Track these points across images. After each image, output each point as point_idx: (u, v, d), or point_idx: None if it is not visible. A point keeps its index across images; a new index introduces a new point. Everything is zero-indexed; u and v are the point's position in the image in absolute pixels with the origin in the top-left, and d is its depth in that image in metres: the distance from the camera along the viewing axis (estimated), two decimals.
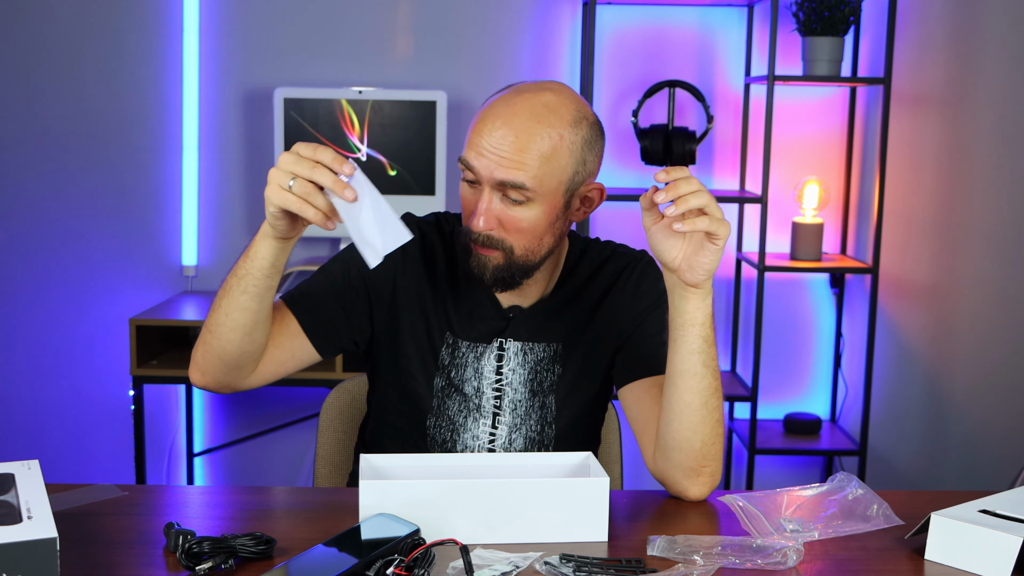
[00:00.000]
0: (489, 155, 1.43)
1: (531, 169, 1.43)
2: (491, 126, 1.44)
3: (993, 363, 3.29)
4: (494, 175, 1.44)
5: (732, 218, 3.26)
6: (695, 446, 1.42)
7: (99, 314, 3.22)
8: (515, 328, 1.58)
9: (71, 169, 3.19)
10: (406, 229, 1.28)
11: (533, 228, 1.47)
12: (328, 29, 3.16)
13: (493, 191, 1.45)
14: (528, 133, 1.43)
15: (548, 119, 1.45)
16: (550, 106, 1.46)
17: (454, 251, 1.61)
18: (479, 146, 1.44)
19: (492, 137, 1.44)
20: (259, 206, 3.20)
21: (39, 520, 1.09)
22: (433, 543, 1.20)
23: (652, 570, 1.21)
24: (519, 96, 1.47)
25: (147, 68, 3.15)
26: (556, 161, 1.45)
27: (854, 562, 1.27)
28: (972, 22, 3.17)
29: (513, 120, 1.44)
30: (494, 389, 1.58)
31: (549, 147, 1.44)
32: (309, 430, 3.22)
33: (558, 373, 1.59)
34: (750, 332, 3.18)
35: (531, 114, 1.44)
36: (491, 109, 1.47)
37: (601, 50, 3.15)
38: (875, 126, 3.16)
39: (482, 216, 1.45)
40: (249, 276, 1.43)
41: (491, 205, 1.45)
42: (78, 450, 3.27)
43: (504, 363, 1.58)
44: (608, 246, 1.67)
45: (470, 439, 1.59)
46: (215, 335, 1.47)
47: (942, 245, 3.26)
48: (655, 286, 1.61)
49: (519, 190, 1.44)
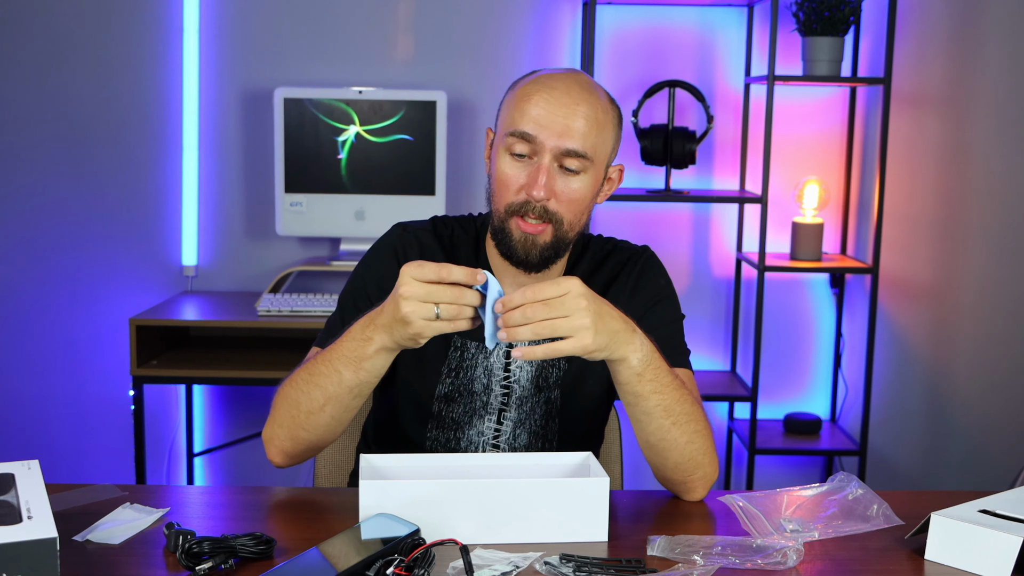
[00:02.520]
0: (550, 123, 1.45)
1: (589, 137, 1.47)
2: (547, 97, 1.47)
3: (993, 363, 3.29)
4: (557, 144, 1.45)
5: (732, 218, 3.26)
6: (674, 466, 1.43)
7: (99, 314, 3.22)
8: None
9: (71, 169, 3.19)
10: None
11: (582, 199, 1.50)
12: (328, 29, 3.16)
13: (552, 159, 1.47)
14: (584, 103, 1.47)
15: (597, 92, 1.51)
16: (590, 87, 1.51)
17: (455, 255, 1.61)
18: (536, 116, 1.46)
19: (550, 106, 1.46)
20: (259, 206, 3.20)
21: (39, 520, 1.09)
22: (433, 543, 1.20)
23: (652, 570, 1.21)
24: (562, 74, 1.50)
25: (147, 68, 3.15)
26: (606, 132, 1.50)
27: (854, 562, 1.27)
28: (972, 22, 3.17)
29: (570, 91, 1.47)
30: (503, 387, 1.58)
31: (602, 117, 1.49)
32: None
33: (564, 368, 1.59)
34: (750, 332, 3.18)
35: (581, 87, 1.49)
36: (539, 84, 1.49)
37: (601, 50, 3.15)
38: (875, 126, 3.16)
39: (542, 186, 1.46)
40: (365, 384, 1.40)
41: (550, 174, 1.47)
42: (78, 450, 3.27)
43: (512, 361, 1.58)
44: (610, 241, 1.68)
45: (475, 435, 1.59)
46: (311, 432, 1.45)
47: (942, 245, 3.26)
48: (655, 281, 1.63)
49: (579, 158, 1.47)
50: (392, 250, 1.61)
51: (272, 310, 2.79)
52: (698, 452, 1.42)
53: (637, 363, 1.35)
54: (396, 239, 1.62)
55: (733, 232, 3.28)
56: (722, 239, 3.29)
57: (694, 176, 3.22)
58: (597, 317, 1.29)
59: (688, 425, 1.40)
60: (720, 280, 3.30)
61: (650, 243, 3.28)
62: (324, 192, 3.01)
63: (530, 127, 1.46)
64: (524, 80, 1.52)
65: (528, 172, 1.47)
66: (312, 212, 3.02)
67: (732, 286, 3.30)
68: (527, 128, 1.46)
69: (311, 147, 2.99)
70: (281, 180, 2.99)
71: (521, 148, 1.47)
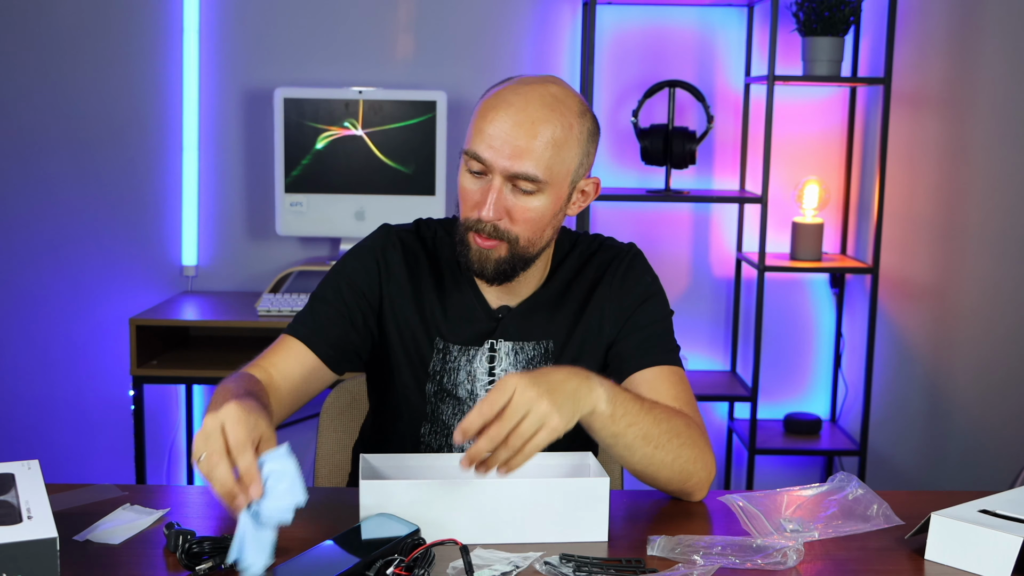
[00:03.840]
0: (502, 145, 1.42)
1: (543, 159, 1.43)
2: (503, 115, 1.43)
3: (993, 363, 3.29)
4: (507, 166, 1.43)
5: (732, 218, 3.26)
6: (666, 482, 1.42)
7: (99, 314, 3.22)
8: (505, 328, 1.57)
9: (71, 169, 3.19)
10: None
11: (539, 218, 1.47)
12: (328, 29, 3.16)
13: (504, 181, 1.44)
14: (542, 122, 1.43)
15: (559, 109, 1.45)
16: (558, 97, 1.46)
17: (437, 257, 1.60)
18: (490, 136, 1.43)
19: (503, 126, 1.42)
20: (259, 206, 3.20)
21: (39, 520, 1.09)
22: (433, 543, 1.20)
23: (652, 570, 1.21)
24: (526, 87, 1.46)
25: (147, 68, 3.15)
26: (566, 151, 1.46)
27: (854, 562, 1.27)
28: (972, 22, 3.17)
29: (527, 108, 1.43)
30: (487, 391, 1.57)
31: (561, 136, 1.44)
32: (309, 430, 3.21)
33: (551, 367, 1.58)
34: (750, 332, 3.18)
35: (542, 103, 1.44)
36: (499, 99, 1.45)
37: (601, 50, 3.15)
38: (875, 126, 3.16)
39: (491, 206, 1.44)
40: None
41: (501, 195, 1.45)
42: (78, 450, 3.27)
43: (496, 364, 1.57)
44: (596, 239, 1.66)
45: (466, 443, 1.58)
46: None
47: (942, 245, 3.26)
48: (642, 279, 1.61)
49: (530, 181, 1.44)
50: (373, 250, 1.61)
51: (272, 310, 2.79)
52: (688, 463, 1.40)
53: (605, 406, 1.31)
54: (379, 240, 1.62)
55: (733, 232, 3.28)
56: (722, 239, 3.29)
57: (694, 176, 3.22)
58: (551, 394, 1.24)
59: (671, 443, 1.38)
60: (720, 280, 3.30)
61: (650, 243, 3.28)
62: (324, 192, 3.01)
63: (482, 149, 1.44)
64: (493, 89, 1.49)
65: (482, 190, 1.46)
66: (312, 212, 3.02)
67: (732, 286, 3.30)
68: (479, 150, 1.44)
69: (311, 147, 2.99)
70: (281, 180, 2.99)
71: (476, 167, 1.46)
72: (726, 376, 3.25)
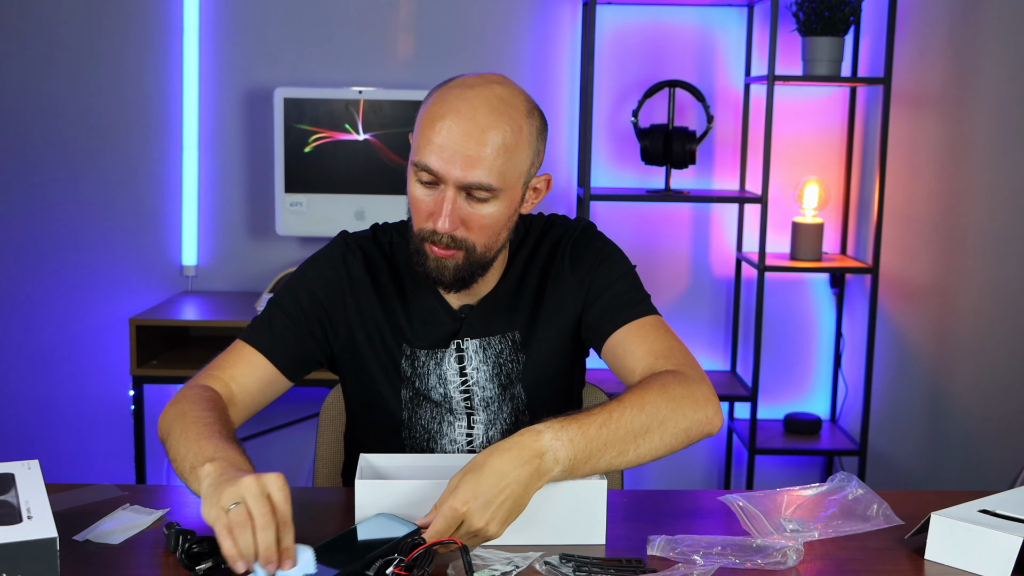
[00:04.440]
0: (452, 156, 1.38)
1: (496, 167, 1.40)
2: (451, 123, 1.38)
3: (993, 363, 3.29)
4: (460, 176, 1.39)
5: (732, 218, 3.26)
6: (669, 453, 1.35)
7: (99, 314, 3.22)
8: (469, 327, 1.56)
9: (71, 169, 3.19)
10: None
11: (494, 224, 1.45)
12: (328, 29, 3.16)
13: (457, 191, 1.41)
14: (491, 128, 1.39)
15: (507, 112, 1.41)
16: (505, 98, 1.42)
17: (396, 263, 1.59)
18: (440, 147, 1.39)
19: (452, 135, 1.38)
20: (259, 206, 3.20)
21: (39, 520, 1.09)
22: (433, 543, 1.20)
23: (652, 570, 1.21)
24: (470, 91, 1.41)
25: (147, 68, 3.15)
26: (517, 154, 1.42)
27: (854, 562, 1.27)
28: (972, 22, 3.17)
29: (475, 115, 1.39)
30: (461, 392, 1.56)
31: (512, 140, 1.41)
32: (309, 430, 3.21)
33: (522, 362, 1.56)
34: (750, 332, 3.18)
35: (489, 108, 1.40)
36: (444, 106, 1.40)
37: (601, 50, 3.15)
38: (875, 126, 3.16)
39: (446, 217, 1.41)
40: (184, 478, 1.33)
41: (455, 205, 1.41)
42: (78, 450, 3.27)
43: (466, 363, 1.56)
44: (548, 221, 1.63)
45: (448, 444, 1.57)
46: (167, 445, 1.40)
47: (942, 245, 3.26)
48: (592, 245, 1.59)
49: (484, 189, 1.40)
50: (334, 260, 1.58)
51: None
52: (682, 431, 1.34)
53: (564, 464, 1.25)
54: (339, 248, 1.59)
55: (733, 232, 3.28)
56: (722, 239, 3.29)
57: (694, 176, 3.22)
58: (498, 496, 1.20)
59: (650, 433, 1.32)
60: (720, 280, 3.30)
61: (650, 243, 3.28)
62: (324, 192, 3.01)
63: (432, 160, 1.39)
64: (437, 92, 1.44)
65: (435, 200, 1.42)
66: (312, 212, 3.02)
67: (732, 286, 3.30)
68: (429, 161, 1.39)
69: (311, 147, 2.99)
70: (281, 180, 2.99)
71: (427, 177, 1.41)
72: (726, 376, 3.25)
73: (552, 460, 1.24)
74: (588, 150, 3.03)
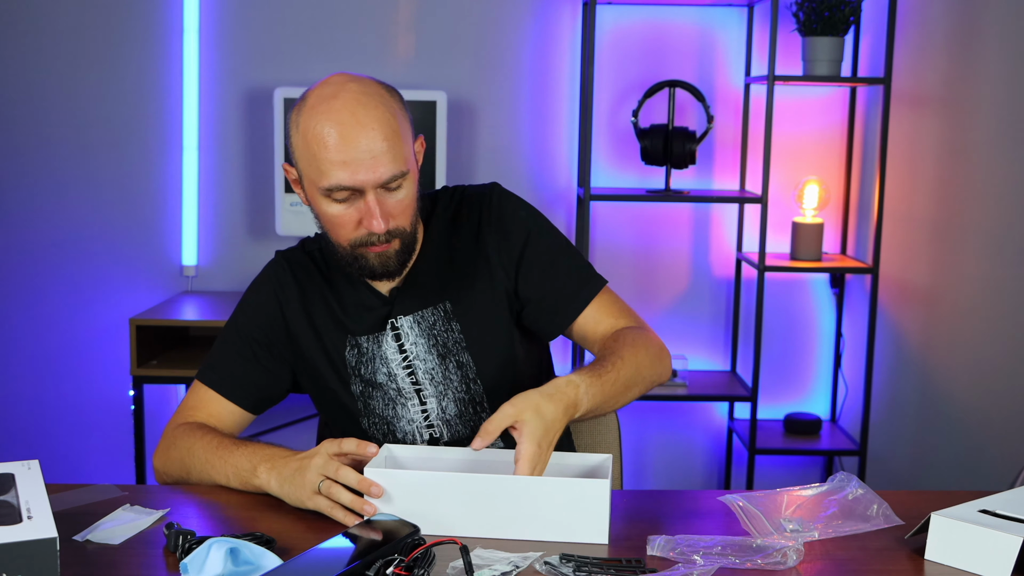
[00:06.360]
0: (358, 164, 1.43)
1: (399, 153, 1.46)
2: (341, 136, 1.43)
3: (993, 363, 3.29)
4: (377, 178, 1.45)
5: (732, 218, 3.26)
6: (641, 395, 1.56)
7: (99, 314, 3.22)
8: (401, 305, 1.61)
9: (71, 169, 3.19)
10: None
11: (412, 201, 1.53)
12: (328, 29, 3.16)
13: (375, 191, 1.47)
14: (376, 121, 1.45)
15: (374, 100, 1.47)
16: (368, 91, 1.48)
17: (326, 264, 1.64)
18: (342, 162, 1.43)
19: (348, 146, 1.43)
20: (259, 206, 3.20)
21: (39, 520, 1.09)
22: (433, 543, 1.20)
23: (652, 570, 1.21)
24: (335, 100, 1.45)
25: (147, 68, 3.15)
26: (403, 131, 1.49)
27: (854, 562, 1.27)
28: (972, 22, 3.17)
29: (356, 118, 1.44)
30: (404, 369, 1.60)
31: (395, 122, 1.47)
32: (309, 430, 3.21)
33: (458, 329, 1.60)
34: (750, 332, 3.18)
35: (361, 105, 1.45)
36: (326, 122, 1.44)
37: (601, 50, 3.15)
38: (875, 126, 3.16)
39: (379, 219, 1.47)
40: (247, 488, 1.47)
41: (380, 204, 1.47)
42: (78, 450, 3.27)
43: (404, 340, 1.60)
44: (456, 191, 1.68)
45: (406, 424, 1.62)
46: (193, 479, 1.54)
47: (942, 245, 3.26)
48: (516, 216, 1.64)
49: (398, 178, 1.47)
50: (268, 280, 1.67)
51: None
52: (649, 384, 1.54)
53: (585, 410, 1.42)
54: (271, 268, 1.68)
55: (733, 232, 3.28)
56: (722, 239, 3.29)
57: (694, 176, 3.22)
58: (553, 426, 1.36)
59: (639, 383, 1.51)
60: (720, 280, 3.30)
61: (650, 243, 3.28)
62: None
63: (343, 177, 1.44)
64: (302, 117, 1.47)
65: (358, 209, 1.48)
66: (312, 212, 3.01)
67: (732, 286, 3.30)
68: (342, 180, 1.44)
69: None
70: (281, 180, 2.99)
71: (343, 195, 1.47)
72: (726, 376, 3.25)
73: (576, 409, 1.41)
74: (588, 150, 3.03)
